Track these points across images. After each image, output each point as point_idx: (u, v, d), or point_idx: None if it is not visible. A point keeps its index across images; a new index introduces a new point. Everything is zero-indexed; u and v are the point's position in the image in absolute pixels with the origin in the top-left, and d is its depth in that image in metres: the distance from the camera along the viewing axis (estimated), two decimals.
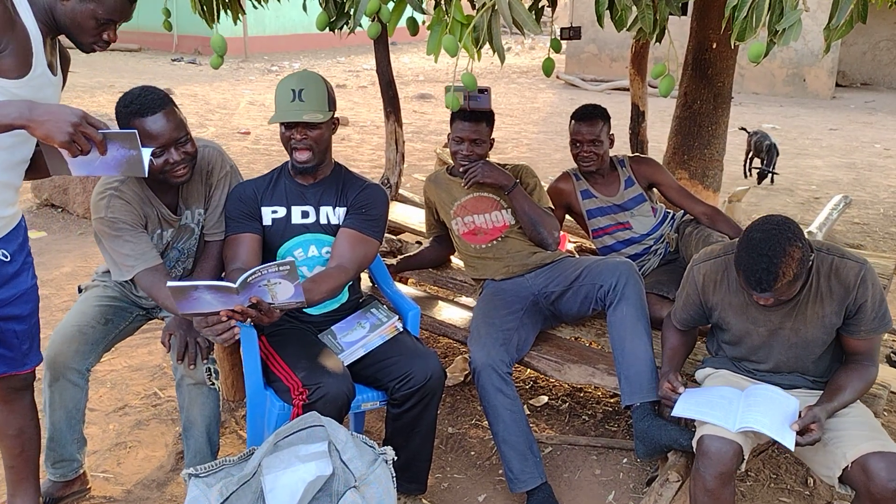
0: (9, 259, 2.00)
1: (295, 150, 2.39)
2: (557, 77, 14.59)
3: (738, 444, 2.03)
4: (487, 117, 2.93)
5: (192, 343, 2.34)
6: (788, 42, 1.72)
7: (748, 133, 7.22)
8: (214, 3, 3.48)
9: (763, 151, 6.91)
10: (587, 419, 3.16)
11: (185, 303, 1.93)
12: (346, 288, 2.54)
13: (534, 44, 20.88)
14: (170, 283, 1.90)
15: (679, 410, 2.18)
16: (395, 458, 2.40)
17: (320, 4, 2.51)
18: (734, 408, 2.11)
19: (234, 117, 9.79)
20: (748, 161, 7.22)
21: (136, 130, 1.81)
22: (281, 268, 1.93)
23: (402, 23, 2.78)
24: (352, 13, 2.32)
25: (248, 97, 11.35)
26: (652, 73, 2.20)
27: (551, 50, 2.70)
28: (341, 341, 2.43)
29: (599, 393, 3.33)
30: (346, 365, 2.37)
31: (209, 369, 2.44)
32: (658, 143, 7.07)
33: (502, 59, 2.21)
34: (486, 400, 2.56)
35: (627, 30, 2.21)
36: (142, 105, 2.18)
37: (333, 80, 13.47)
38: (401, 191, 4.24)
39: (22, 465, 2.27)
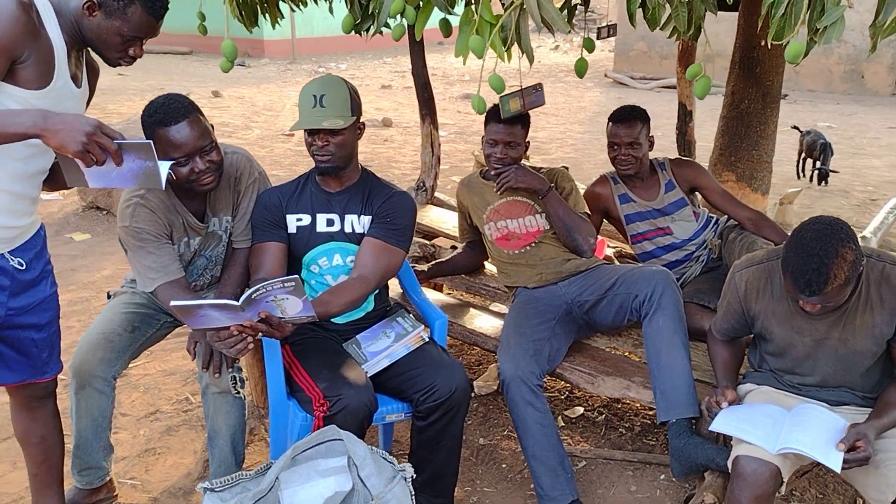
0: (24, 267, 1.99)
1: (316, 155, 2.35)
2: (605, 75, 14.37)
3: (775, 465, 1.91)
4: (522, 119, 2.85)
5: (217, 351, 2.31)
6: (830, 40, 1.60)
7: (800, 132, 6.97)
8: (251, 7, 3.47)
9: (817, 150, 6.65)
10: (624, 432, 3.05)
11: (192, 320, 1.90)
12: (373, 296, 2.48)
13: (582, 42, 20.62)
14: (173, 302, 1.88)
15: (717, 425, 2.07)
16: (421, 472, 2.35)
17: (347, 6, 2.46)
18: (777, 428, 1.99)
19: (280, 119, 9.85)
20: (800, 162, 6.97)
21: (150, 141, 1.77)
22: (286, 284, 1.88)
23: (436, 24, 2.72)
24: (376, 14, 2.26)
25: (294, 99, 11.42)
26: (687, 74, 2.09)
27: (584, 50, 2.60)
28: (365, 351, 2.37)
29: (638, 405, 3.22)
30: (370, 375, 2.32)
31: (234, 378, 2.41)
32: (708, 142, 6.87)
33: (531, 60, 2.12)
34: (515, 413, 2.48)
35: (661, 28, 2.10)
36: (165, 114, 2.16)
37: (379, 81, 13.49)
38: (437, 194, 4.17)
39: (45, 473, 2.27)
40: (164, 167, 1.81)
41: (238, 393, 2.42)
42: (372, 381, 2.32)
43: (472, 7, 2.25)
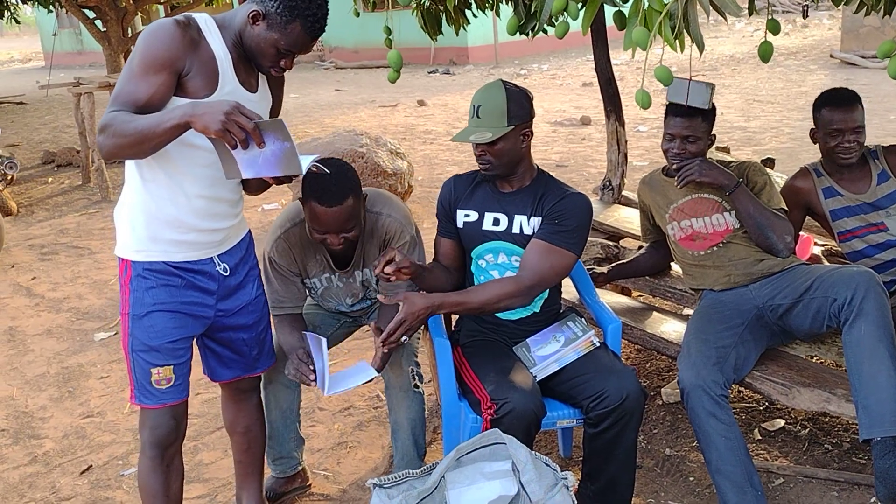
0: (229, 273, 2.18)
1: (478, 163, 2.37)
2: (831, 56, 13.17)
3: None
4: (704, 112, 2.67)
5: (389, 352, 2.39)
6: None
7: None
8: (434, 16, 3.59)
9: None
10: (830, 448, 2.76)
11: None
12: (540, 299, 2.44)
13: (808, 21, 19.03)
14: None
15: None
16: (595, 480, 2.31)
17: (511, 8, 2.45)
18: None
19: None
20: None
21: (281, 119, 1.85)
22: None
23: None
24: (538, 14, 2.23)
25: None
26: (878, 53, 1.85)
27: (768, 33, 2.39)
28: (535, 355, 2.35)
29: (848, 419, 2.90)
30: (538, 380, 2.30)
31: (413, 372, 2.50)
32: None
33: (701, 49, 1.99)
34: (696, 424, 2.34)
35: (845, 4, 1.87)
36: (322, 194, 2.23)
37: (580, 79, 13.32)
38: (625, 192, 4.04)
39: (248, 461, 2.48)
40: (307, 158, 1.90)
41: (417, 387, 2.52)
42: (542, 386, 2.31)
43: None
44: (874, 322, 2.19)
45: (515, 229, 2.42)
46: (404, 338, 2.21)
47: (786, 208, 2.69)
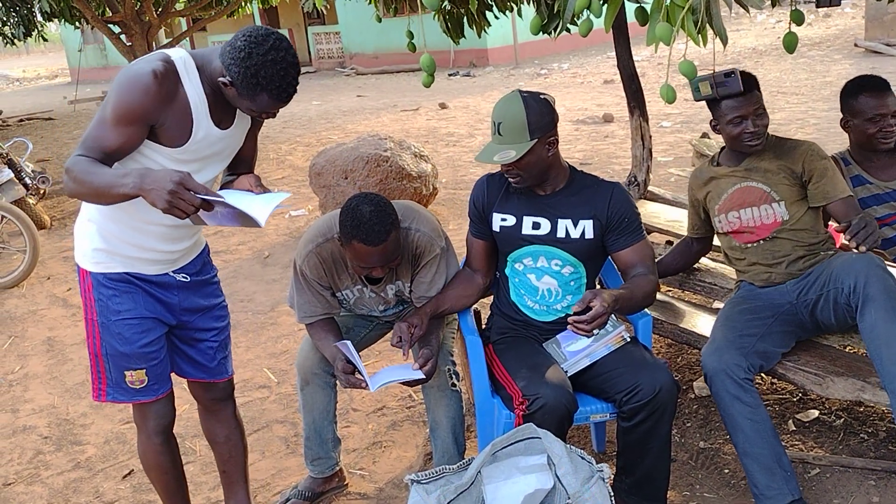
0: (189, 280, 2.25)
1: (508, 176, 2.39)
2: (855, 45, 13.01)
3: None
4: (755, 84, 2.57)
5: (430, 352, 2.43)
6: None
7: None
8: (457, 20, 3.62)
9: None
10: (866, 438, 2.75)
11: None
12: (571, 305, 2.46)
13: (830, 10, 18.81)
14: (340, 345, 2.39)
15: None
16: (631, 474, 2.32)
17: (533, 8, 2.48)
18: None
19: None
20: None
21: (223, 197, 1.85)
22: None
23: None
24: (562, 12, 2.25)
25: None
26: None
27: (792, 23, 2.39)
28: (565, 351, 2.37)
29: (884, 408, 2.89)
30: (570, 375, 2.31)
31: (450, 371, 2.53)
32: None
33: (724, 42, 2.01)
34: (722, 409, 2.35)
35: None
36: (367, 235, 2.21)
37: (601, 77, 13.30)
38: (651, 188, 4.04)
39: (232, 470, 2.52)
40: (271, 202, 1.91)
41: (455, 386, 2.55)
42: (574, 381, 2.33)
43: None
44: (882, 306, 2.18)
45: (560, 233, 2.41)
46: (596, 330, 2.16)
47: (851, 194, 2.55)
